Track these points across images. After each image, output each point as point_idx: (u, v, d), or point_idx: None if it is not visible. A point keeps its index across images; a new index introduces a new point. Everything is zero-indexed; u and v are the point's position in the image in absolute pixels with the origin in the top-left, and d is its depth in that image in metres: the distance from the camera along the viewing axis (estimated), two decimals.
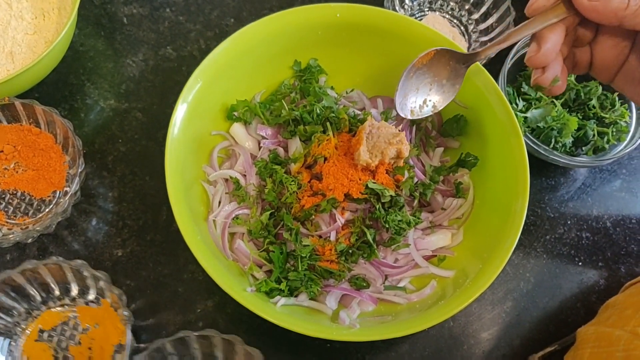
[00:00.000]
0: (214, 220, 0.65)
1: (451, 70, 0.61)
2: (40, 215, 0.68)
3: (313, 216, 0.63)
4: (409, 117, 0.62)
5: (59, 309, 0.65)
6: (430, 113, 0.64)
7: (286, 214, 0.63)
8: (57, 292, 0.64)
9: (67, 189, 0.65)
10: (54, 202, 0.69)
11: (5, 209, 0.69)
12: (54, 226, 0.66)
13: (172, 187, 0.60)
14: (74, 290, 0.65)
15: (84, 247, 0.69)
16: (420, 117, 0.63)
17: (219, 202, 0.67)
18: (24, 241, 0.64)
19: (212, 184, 0.68)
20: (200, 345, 0.59)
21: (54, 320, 0.64)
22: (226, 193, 0.67)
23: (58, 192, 0.69)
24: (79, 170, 0.65)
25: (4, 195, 0.69)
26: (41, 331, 0.63)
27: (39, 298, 0.64)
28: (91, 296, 0.65)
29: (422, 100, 0.62)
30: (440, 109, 0.64)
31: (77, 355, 0.63)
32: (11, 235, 0.64)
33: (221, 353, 0.60)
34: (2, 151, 0.70)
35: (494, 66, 0.80)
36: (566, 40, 0.56)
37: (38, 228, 0.64)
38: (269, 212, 0.64)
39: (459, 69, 0.61)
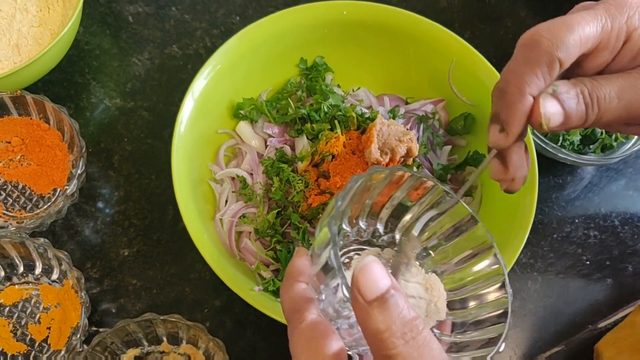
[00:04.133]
0: (220, 219, 0.65)
1: None
2: (38, 211, 0.68)
3: (320, 215, 0.62)
4: None
5: (22, 286, 0.65)
6: None
7: (293, 212, 0.63)
8: (21, 269, 0.65)
9: (67, 188, 0.65)
10: (52, 199, 0.69)
11: (5, 201, 0.68)
12: (47, 224, 0.65)
13: (179, 185, 0.60)
14: (38, 268, 0.65)
15: (90, 245, 0.69)
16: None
17: (226, 201, 0.66)
18: (17, 240, 0.63)
19: (218, 183, 0.67)
20: (165, 327, 0.60)
21: (15, 296, 0.64)
22: (233, 192, 0.67)
23: (58, 191, 0.69)
24: (79, 172, 0.65)
25: (5, 187, 0.69)
26: (2, 306, 0.64)
27: (2, 273, 0.64)
28: (54, 276, 0.65)
29: None
30: None
31: (35, 334, 0.63)
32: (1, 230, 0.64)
33: (185, 334, 0.61)
34: (9, 142, 0.69)
35: (501, 64, 0.79)
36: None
37: (31, 225, 0.64)
38: (275, 211, 0.63)
39: None
